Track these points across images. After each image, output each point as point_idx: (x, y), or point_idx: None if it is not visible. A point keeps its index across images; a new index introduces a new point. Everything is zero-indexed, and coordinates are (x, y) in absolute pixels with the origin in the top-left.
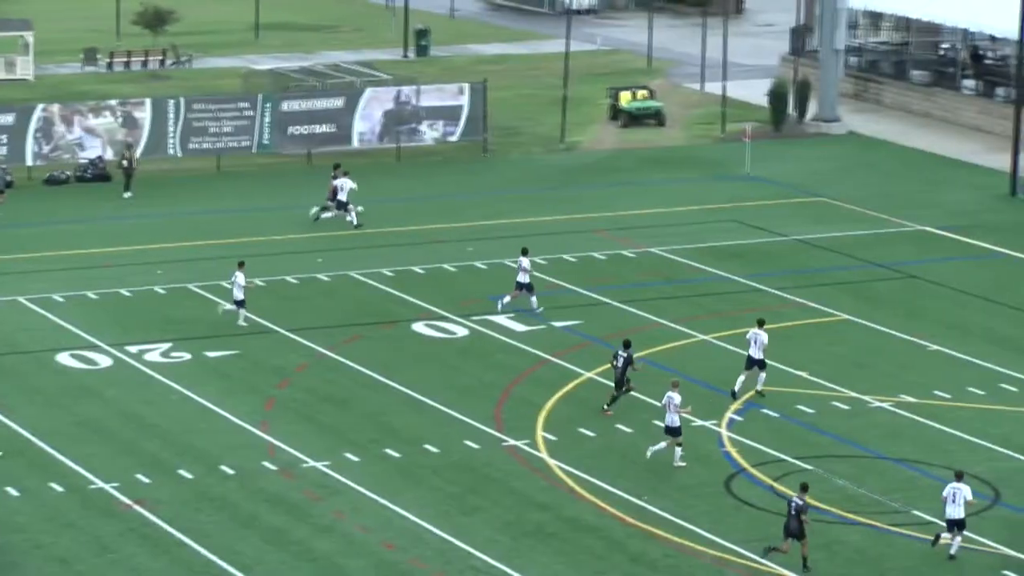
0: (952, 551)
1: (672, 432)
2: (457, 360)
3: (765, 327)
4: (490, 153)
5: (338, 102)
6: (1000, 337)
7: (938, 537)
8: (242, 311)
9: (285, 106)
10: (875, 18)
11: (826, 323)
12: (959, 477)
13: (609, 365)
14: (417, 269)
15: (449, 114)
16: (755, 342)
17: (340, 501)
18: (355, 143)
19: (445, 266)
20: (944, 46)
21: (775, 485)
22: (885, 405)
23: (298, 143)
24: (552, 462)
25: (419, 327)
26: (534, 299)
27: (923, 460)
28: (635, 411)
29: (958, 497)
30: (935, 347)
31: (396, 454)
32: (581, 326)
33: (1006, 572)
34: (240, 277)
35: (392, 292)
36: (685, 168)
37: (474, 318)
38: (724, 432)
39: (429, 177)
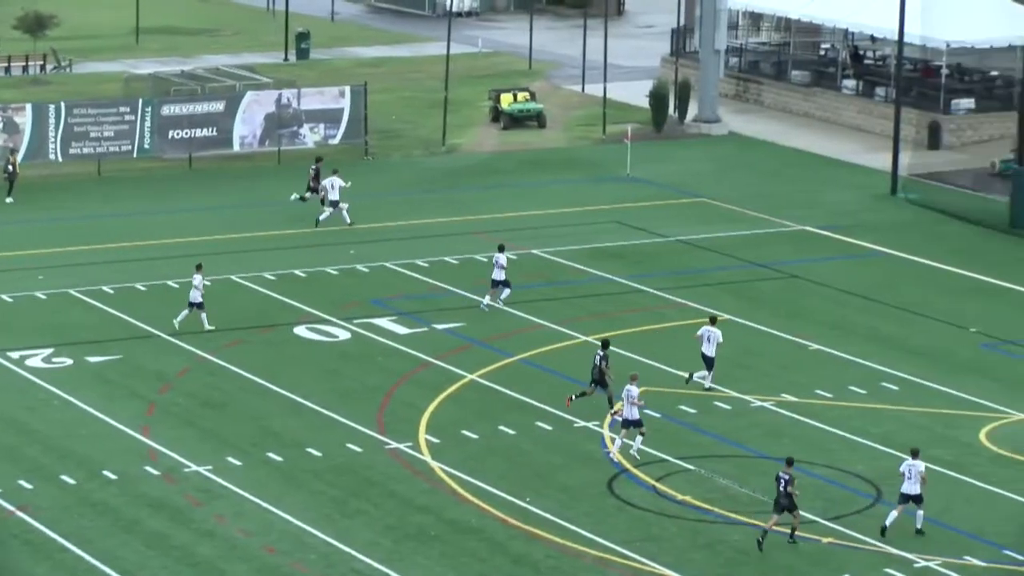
0: (918, 524)
1: (631, 424)
2: (339, 363)
3: (717, 324)
4: (371, 156)
5: (219, 106)
6: (881, 336)
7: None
8: (203, 314)
9: (166, 110)
10: (755, 19)
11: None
12: (915, 454)
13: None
14: (298, 272)
15: (330, 117)
16: (708, 339)
17: (222, 505)
18: (236, 147)
19: (327, 269)
20: (824, 46)
21: (657, 486)
22: (767, 405)
23: (179, 147)
24: (435, 464)
25: (301, 330)
26: (507, 292)
27: (805, 459)
28: (517, 413)
29: (913, 473)
30: (816, 347)
31: (278, 458)
32: (463, 328)
33: (888, 570)
34: (198, 279)
35: (273, 295)
36: (566, 170)
37: (356, 321)
38: (607, 432)
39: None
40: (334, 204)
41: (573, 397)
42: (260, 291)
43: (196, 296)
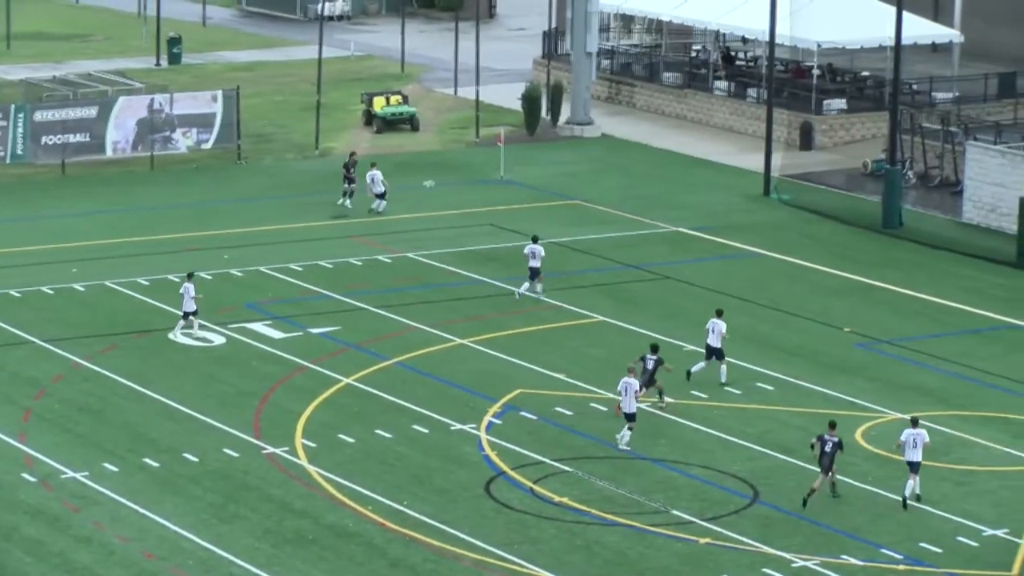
0: (918, 491)
1: (629, 418)
2: (214, 368)
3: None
4: (244, 160)
5: (91, 111)
6: (755, 336)
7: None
8: (197, 321)
9: (38, 116)
10: (627, 21)
11: (583, 325)
12: (915, 423)
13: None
14: (173, 277)
15: (202, 121)
16: (713, 331)
17: (99, 511)
18: (109, 152)
19: (201, 274)
20: (696, 48)
21: (534, 487)
22: (643, 406)
23: (52, 153)
24: (311, 468)
25: (176, 336)
26: (539, 285)
27: (680, 460)
28: (393, 416)
29: (918, 441)
30: (691, 347)
31: (154, 463)
32: (338, 332)
33: (766, 570)
34: (191, 288)
35: (147, 301)
36: (440, 173)
37: (231, 326)
38: (483, 435)
39: (183, 185)
40: (381, 196)
41: (663, 407)
42: (134, 296)
43: (190, 305)
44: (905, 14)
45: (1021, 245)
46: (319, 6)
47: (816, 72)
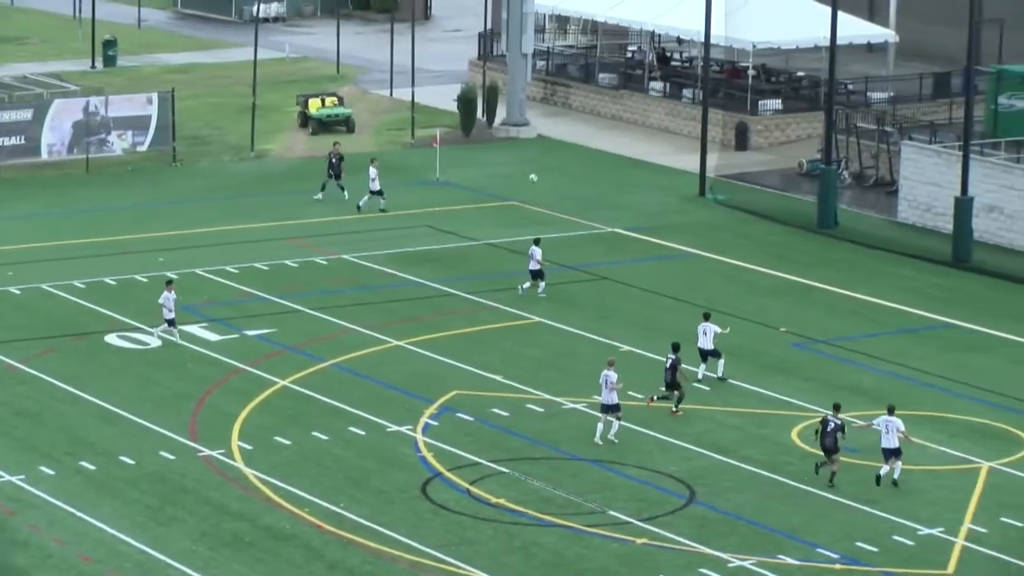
0: (896, 476)
1: (609, 409)
2: (150, 371)
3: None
4: (180, 162)
5: (26, 114)
6: (691, 336)
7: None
8: (174, 330)
9: None
10: (562, 22)
11: (519, 326)
12: (891, 411)
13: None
14: (108, 280)
15: (138, 124)
16: (705, 333)
17: (36, 515)
18: (44, 155)
19: (137, 277)
20: (631, 49)
21: (471, 489)
22: (579, 406)
23: None
24: (248, 471)
25: (112, 339)
26: (527, 285)
27: (617, 460)
28: (330, 418)
29: (891, 428)
30: (627, 348)
31: (91, 466)
32: (274, 334)
33: (702, 570)
34: (170, 298)
35: (84, 304)
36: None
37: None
38: (420, 437)
39: (119, 187)
40: (379, 193)
41: (655, 398)
42: (71, 299)
43: (169, 314)
44: (840, 14)
45: (956, 244)
46: (254, 8)
47: (751, 72)
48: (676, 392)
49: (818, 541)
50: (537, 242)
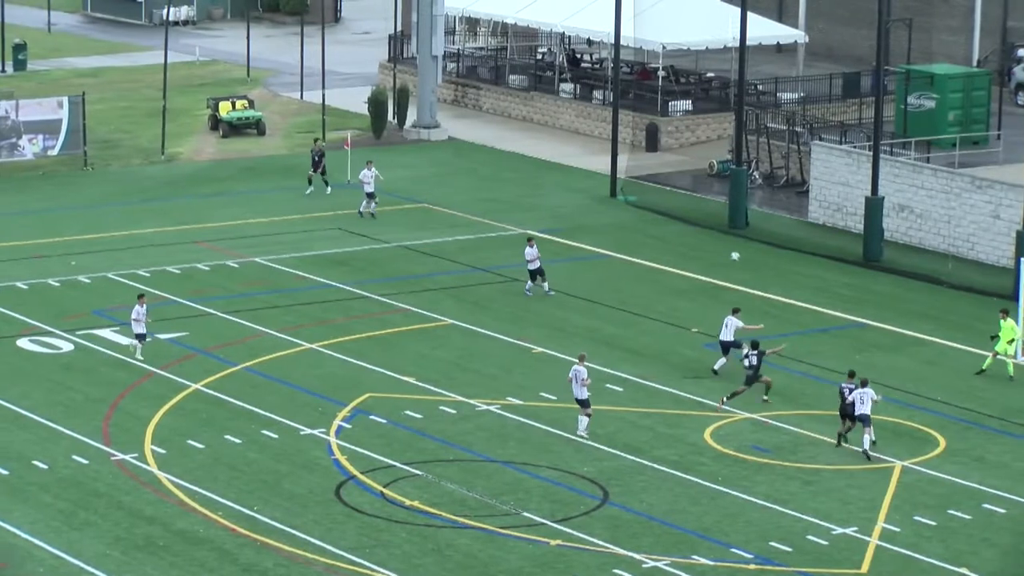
0: (872, 439)
1: (581, 404)
2: (63, 375)
3: (738, 315)
4: (91, 166)
5: None
6: (603, 337)
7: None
8: (139, 344)
9: None
10: (472, 24)
11: (431, 328)
12: (864, 384)
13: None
14: (20, 284)
15: (48, 128)
16: (726, 326)
17: None
18: None
19: (48, 281)
20: (541, 50)
21: (385, 492)
22: (492, 408)
23: None
24: (161, 475)
25: (23, 343)
26: (542, 283)
27: (530, 462)
28: (243, 421)
29: (865, 398)
30: (540, 349)
31: (3, 471)
32: (186, 338)
33: (616, 571)
34: (139, 311)
35: None
36: (287, 177)
37: (79, 332)
38: (333, 440)
39: (30, 192)
40: (371, 196)
41: (725, 399)
42: None
43: (139, 328)
44: (750, 15)
45: (867, 244)
46: (164, 11)
47: (661, 74)
48: (762, 383)
49: (732, 541)
50: (530, 241)
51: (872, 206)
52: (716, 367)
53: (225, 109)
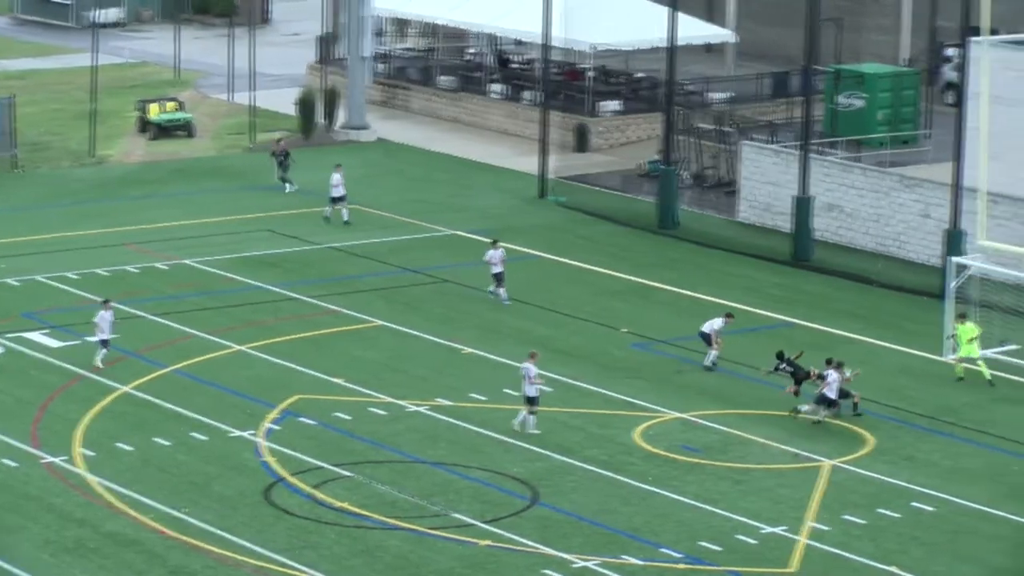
0: (805, 410)
1: (529, 402)
2: None
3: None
4: (20, 169)
5: None
6: (533, 338)
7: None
8: (104, 351)
9: None
10: (401, 25)
11: (361, 329)
12: (838, 365)
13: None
14: None
15: None
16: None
17: None
18: None
19: None
20: (471, 51)
21: (315, 493)
22: (422, 409)
23: None
24: (91, 477)
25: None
26: (501, 289)
27: (460, 463)
28: (172, 424)
29: (833, 381)
30: (470, 350)
31: None
32: (116, 340)
33: (546, 571)
34: (104, 317)
35: None
36: (216, 178)
37: (8, 335)
38: (262, 442)
39: None
40: (340, 199)
41: (796, 409)
42: None
43: (103, 334)
44: (679, 15)
45: (796, 244)
46: (93, 14)
47: (591, 74)
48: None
49: (661, 541)
50: (495, 243)
51: (801, 206)
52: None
53: (154, 111)
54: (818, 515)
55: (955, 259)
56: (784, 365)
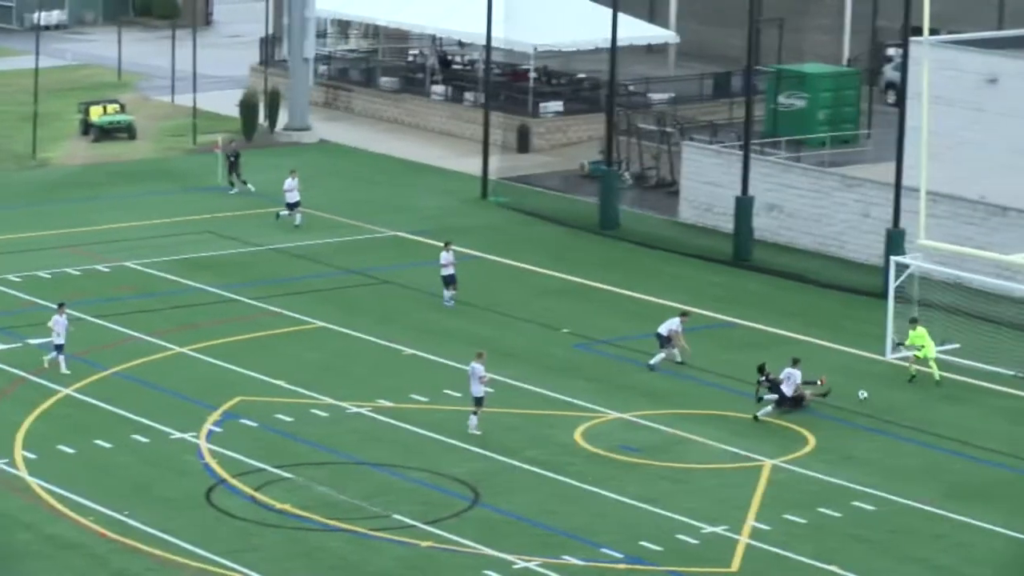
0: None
1: (477, 402)
2: None
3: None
4: None
5: None
6: (475, 339)
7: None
8: (61, 357)
9: None
10: (344, 26)
11: (302, 331)
12: (795, 363)
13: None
14: None
15: None
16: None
17: None
18: None
19: None
20: (413, 53)
21: (256, 495)
22: (363, 410)
23: None
24: (32, 480)
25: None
26: (448, 293)
27: (401, 464)
28: (113, 426)
29: (792, 378)
30: (411, 351)
31: None
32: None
33: (487, 572)
34: (58, 322)
35: None
36: (158, 181)
37: None
38: (203, 444)
39: None
40: (293, 205)
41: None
42: None
43: (59, 338)
44: (621, 16)
45: (737, 244)
46: (36, 16)
47: (533, 75)
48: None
49: (602, 541)
50: (447, 245)
51: (742, 206)
52: (654, 362)
53: (96, 113)
54: (759, 514)
55: (896, 258)
56: (763, 379)
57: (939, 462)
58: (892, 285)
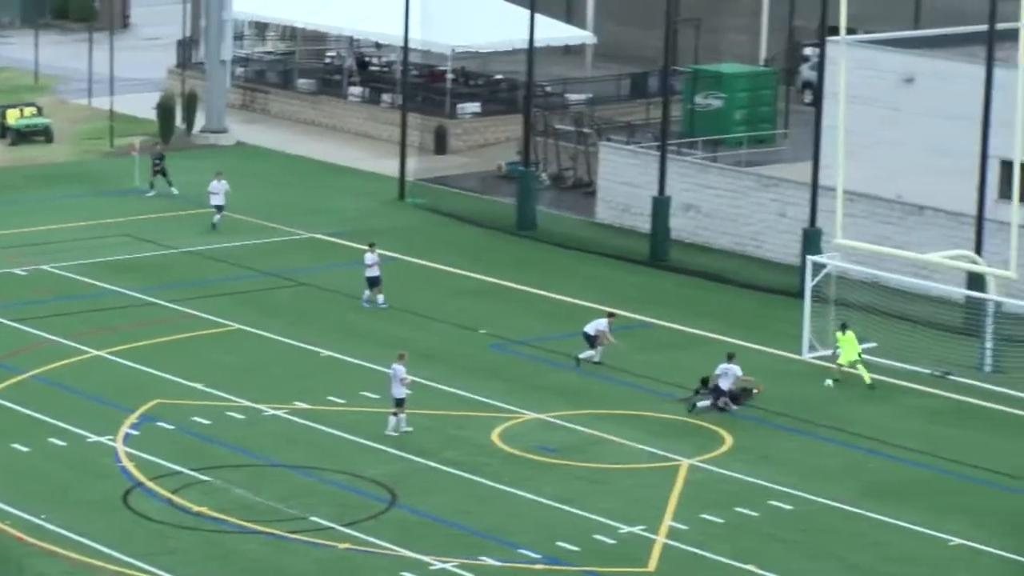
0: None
1: (398, 404)
2: None
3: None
4: None
5: None
6: (392, 340)
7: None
8: None
9: None
10: (261, 28)
11: (219, 333)
12: (730, 358)
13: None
14: None
15: None
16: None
17: None
18: None
19: None
20: (330, 54)
21: (173, 498)
22: (280, 412)
23: None
24: None
25: None
26: (376, 294)
27: (318, 466)
28: (30, 430)
29: (730, 373)
30: (328, 353)
31: None
32: None
33: (405, 573)
34: None
35: None
36: (75, 183)
37: None
38: (120, 447)
39: None
40: (219, 208)
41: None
42: None
43: None
44: (538, 16)
45: (654, 244)
46: None
47: (450, 76)
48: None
49: (519, 541)
50: (371, 245)
51: (659, 206)
52: (583, 356)
53: (13, 116)
54: (676, 514)
55: (812, 258)
56: (704, 390)
57: (857, 461)
58: (809, 285)
